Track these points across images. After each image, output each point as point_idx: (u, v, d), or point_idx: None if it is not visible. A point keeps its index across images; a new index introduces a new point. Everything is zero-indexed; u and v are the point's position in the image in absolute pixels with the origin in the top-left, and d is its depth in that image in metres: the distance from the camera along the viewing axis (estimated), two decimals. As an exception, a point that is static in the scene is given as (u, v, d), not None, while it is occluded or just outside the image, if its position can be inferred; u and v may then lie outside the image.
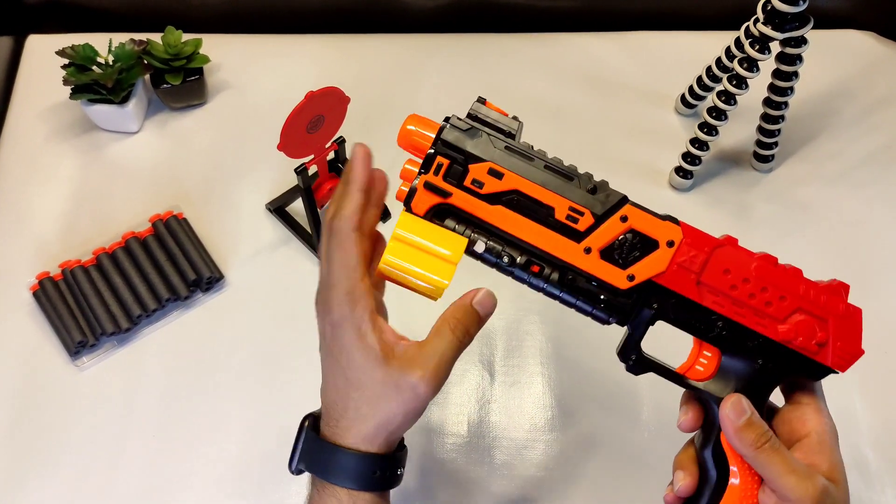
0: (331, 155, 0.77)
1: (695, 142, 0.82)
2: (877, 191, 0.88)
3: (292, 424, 0.71)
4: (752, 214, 0.85)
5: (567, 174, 0.50)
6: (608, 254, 0.48)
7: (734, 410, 0.46)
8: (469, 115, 0.51)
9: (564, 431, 0.71)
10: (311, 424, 0.50)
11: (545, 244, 0.48)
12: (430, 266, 0.47)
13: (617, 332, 0.52)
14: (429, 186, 0.48)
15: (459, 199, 0.48)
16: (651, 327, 0.49)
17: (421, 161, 0.49)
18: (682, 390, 0.50)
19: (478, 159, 0.49)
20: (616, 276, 0.48)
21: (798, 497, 0.44)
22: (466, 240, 0.48)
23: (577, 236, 0.48)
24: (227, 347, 0.75)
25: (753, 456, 0.45)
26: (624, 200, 0.50)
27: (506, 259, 0.49)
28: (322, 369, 0.50)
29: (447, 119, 0.50)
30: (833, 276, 0.82)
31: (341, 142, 0.76)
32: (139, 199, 0.83)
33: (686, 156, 0.84)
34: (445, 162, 0.49)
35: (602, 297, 0.48)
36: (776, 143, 0.86)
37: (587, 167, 0.91)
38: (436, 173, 0.49)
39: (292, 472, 0.50)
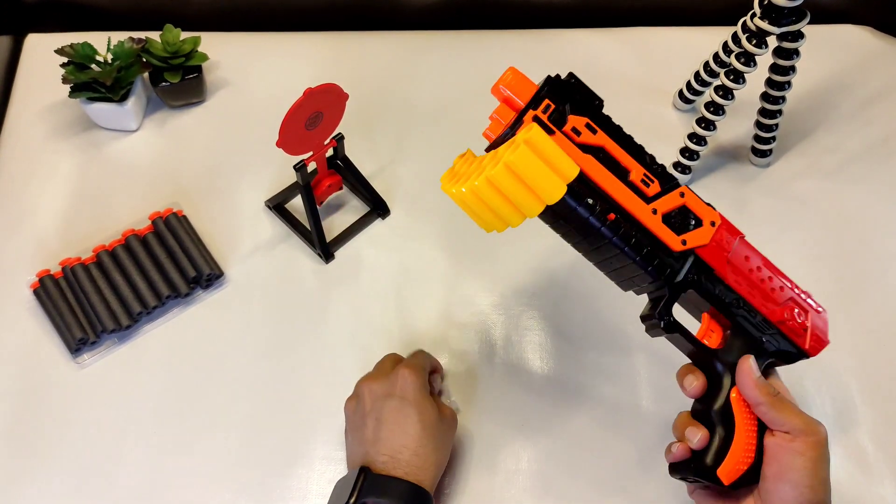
0: (329, 151, 0.77)
1: (692, 137, 0.83)
2: (874, 184, 0.88)
3: (294, 419, 0.72)
4: (750, 209, 0.86)
5: (639, 149, 0.55)
6: (667, 220, 0.54)
7: (755, 366, 0.55)
8: (570, 75, 0.55)
9: (564, 425, 0.72)
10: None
11: (623, 198, 0.53)
12: (542, 182, 0.49)
13: (618, 329, 0.52)
14: (536, 120, 0.52)
15: (558, 140, 0.52)
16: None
17: (514, 110, 0.54)
18: (673, 373, 0.58)
19: (578, 111, 0.53)
20: (672, 239, 0.54)
21: (812, 428, 0.53)
22: (578, 168, 0.50)
23: (646, 199, 0.54)
24: (228, 344, 0.75)
25: (770, 403, 0.54)
26: (678, 183, 0.56)
27: (590, 201, 0.52)
28: (381, 422, 0.62)
29: (550, 76, 0.54)
30: (831, 269, 0.83)
31: (340, 138, 0.77)
32: (139, 196, 0.84)
33: (684, 151, 0.84)
34: (551, 105, 0.53)
35: (657, 257, 0.54)
36: (774, 138, 0.86)
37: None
38: (543, 112, 0.52)
39: None
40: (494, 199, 0.50)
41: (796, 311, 0.58)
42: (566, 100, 0.53)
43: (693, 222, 0.55)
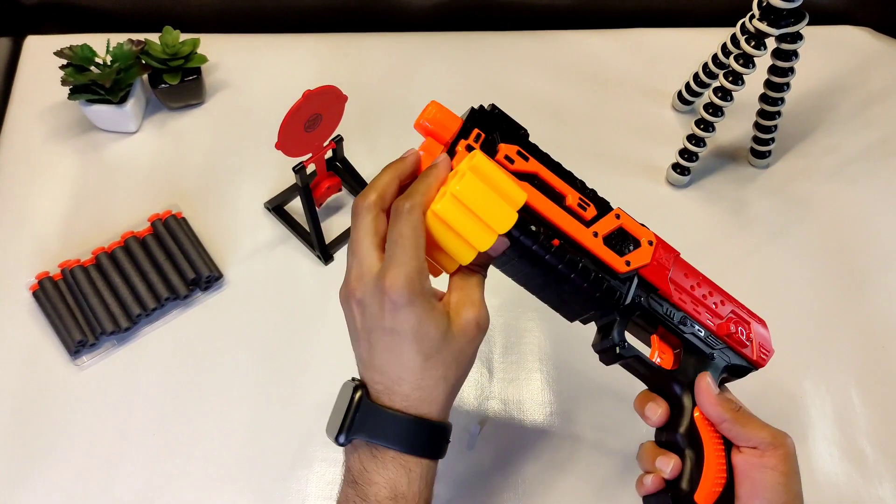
0: (328, 153, 0.77)
1: (692, 138, 0.83)
2: (873, 185, 0.88)
3: (293, 420, 0.71)
4: (749, 210, 0.86)
5: (569, 174, 0.54)
6: (608, 243, 0.53)
7: (713, 382, 0.53)
8: (492, 106, 0.54)
9: (563, 427, 0.72)
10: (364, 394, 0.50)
11: (564, 223, 0.51)
12: (492, 211, 0.47)
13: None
14: (469, 149, 0.50)
15: None
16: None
17: (441, 143, 0.52)
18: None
19: (508, 140, 0.52)
20: (616, 261, 0.52)
21: (780, 440, 0.52)
22: (525, 193, 0.49)
23: (585, 224, 0.52)
24: (227, 346, 0.75)
25: (734, 418, 0.51)
26: (610, 206, 0.54)
27: (534, 228, 0.50)
28: (373, 348, 0.50)
29: (473, 107, 0.53)
30: (830, 270, 0.83)
31: (339, 140, 0.77)
32: (138, 198, 0.84)
33: (683, 152, 0.84)
34: (482, 134, 0.51)
35: (605, 281, 0.52)
36: (773, 139, 0.86)
37: (585, 164, 0.91)
38: (475, 140, 0.51)
39: (341, 444, 0.50)
40: (444, 235, 0.48)
41: (739, 325, 0.57)
42: (493, 129, 0.52)
43: (632, 244, 0.54)
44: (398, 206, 0.49)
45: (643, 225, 0.55)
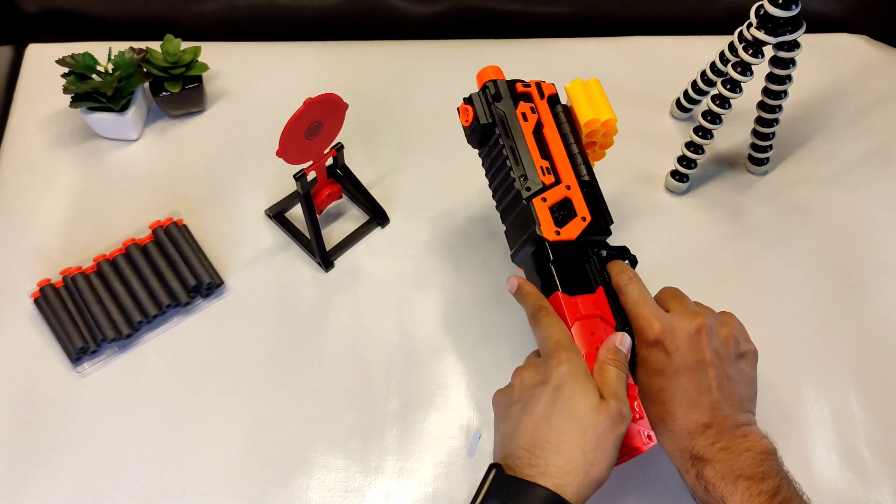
0: (329, 161, 0.78)
1: (690, 145, 0.83)
2: (871, 192, 0.88)
3: (294, 427, 0.72)
4: (748, 217, 0.86)
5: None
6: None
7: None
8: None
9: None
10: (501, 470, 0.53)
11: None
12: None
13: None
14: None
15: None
16: None
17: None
18: None
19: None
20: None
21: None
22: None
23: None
24: (228, 353, 0.76)
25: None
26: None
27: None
28: (525, 412, 0.55)
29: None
30: (828, 276, 0.83)
31: (339, 148, 0.77)
32: (139, 205, 0.84)
33: (681, 159, 0.85)
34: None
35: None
36: (771, 146, 0.87)
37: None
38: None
39: None
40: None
41: None
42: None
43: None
44: (544, 304, 0.62)
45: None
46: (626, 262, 0.64)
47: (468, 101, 0.68)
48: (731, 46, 0.79)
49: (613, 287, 0.62)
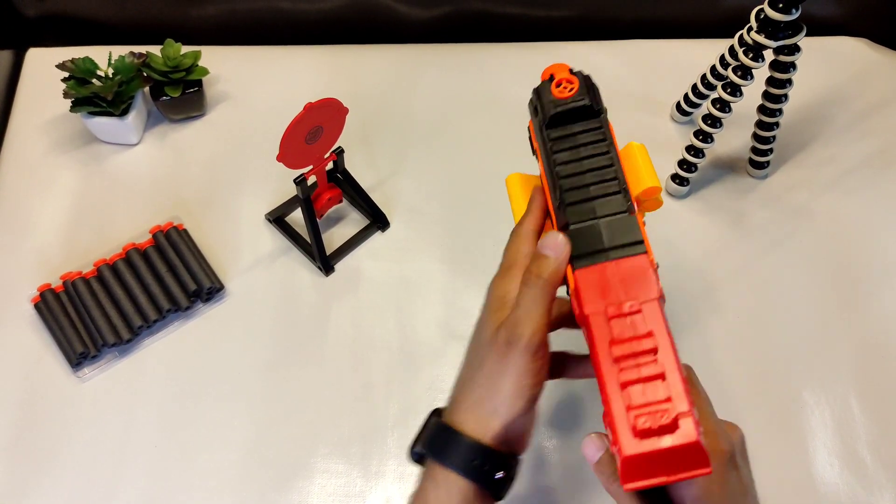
0: (329, 165, 0.78)
1: (690, 149, 0.83)
2: (871, 195, 0.88)
3: (294, 432, 0.72)
4: (748, 220, 0.86)
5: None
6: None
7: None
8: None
9: (565, 435, 0.72)
10: (436, 412, 0.51)
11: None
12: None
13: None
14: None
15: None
16: None
17: None
18: None
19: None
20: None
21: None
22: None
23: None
24: (228, 357, 0.76)
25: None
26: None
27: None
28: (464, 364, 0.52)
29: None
30: (829, 280, 0.83)
31: (340, 152, 0.77)
32: (139, 210, 0.84)
33: (682, 163, 0.85)
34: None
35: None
36: (771, 150, 0.87)
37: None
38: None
39: (413, 459, 0.51)
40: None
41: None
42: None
43: None
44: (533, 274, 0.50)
45: None
46: None
47: (575, 74, 0.60)
48: (732, 50, 0.79)
49: None
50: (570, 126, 0.57)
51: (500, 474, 0.48)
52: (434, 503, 0.48)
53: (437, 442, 0.49)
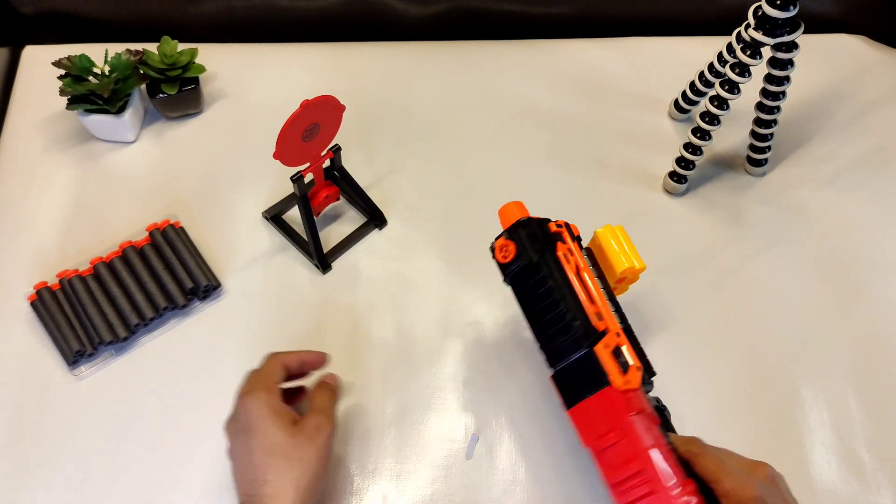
0: (326, 163, 0.78)
1: (688, 146, 0.83)
2: (869, 193, 0.88)
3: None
4: (746, 218, 0.86)
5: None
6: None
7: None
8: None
9: (561, 435, 0.72)
10: None
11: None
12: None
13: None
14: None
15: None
16: None
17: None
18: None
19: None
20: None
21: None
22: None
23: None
24: (225, 355, 0.75)
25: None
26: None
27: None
28: (234, 456, 0.60)
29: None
30: (827, 278, 0.83)
31: (337, 150, 0.77)
32: (136, 208, 0.84)
33: (680, 160, 0.85)
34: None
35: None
36: (769, 147, 0.87)
37: (582, 172, 0.92)
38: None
39: None
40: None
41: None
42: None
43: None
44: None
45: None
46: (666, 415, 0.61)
47: (510, 236, 0.63)
48: (730, 47, 0.79)
49: (683, 455, 0.56)
50: (523, 281, 0.62)
51: None
52: None
53: None
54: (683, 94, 0.90)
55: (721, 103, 0.79)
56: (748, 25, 0.74)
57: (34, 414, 0.71)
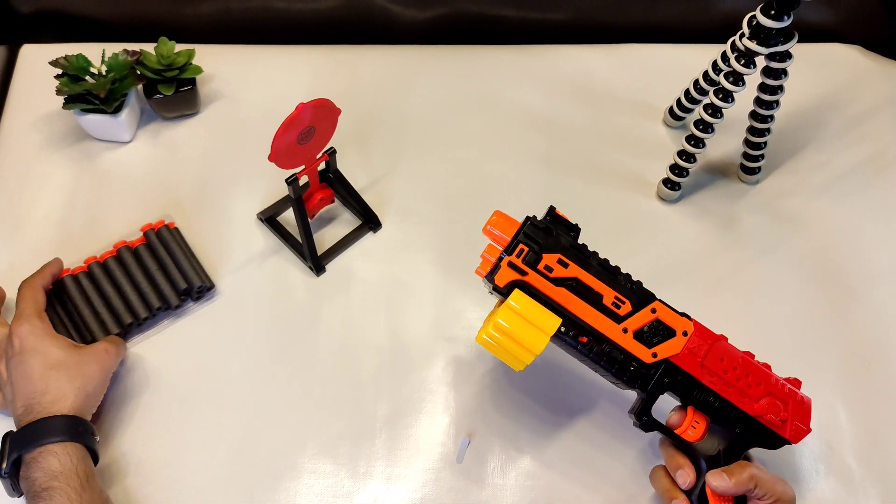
0: (321, 165, 0.78)
1: (682, 154, 0.83)
2: (862, 201, 0.89)
3: (283, 431, 0.72)
4: (739, 226, 0.86)
5: (613, 271, 0.63)
6: (639, 335, 0.62)
7: (720, 484, 0.61)
8: (546, 215, 0.64)
9: (552, 440, 0.72)
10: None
11: (594, 321, 0.61)
12: (527, 336, 0.59)
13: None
14: (511, 265, 0.61)
15: (533, 278, 0.61)
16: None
17: (501, 248, 0.62)
18: None
19: (550, 250, 0.62)
20: (643, 353, 0.62)
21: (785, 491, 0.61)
22: (560, 319, 0.60)
23: (618, 319, 0.62)
24: (218, 356, 0.76)
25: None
26: (653, 297, 0.63)
27: (562, 329, 0.61)
28: (13, 379, 0.65)
29: (528, 217, 0.63)
30: (819, 286, 0.84)
31: (332, 153, 0.77)
32: (131, 208, 0.84)
33: (674, 167, 0.85)
34: (525, 249, 0.61)
35: (632, 367, 0.62)
36: (763, 156, 0.87)
37: (577, 178, 0.92)
38: (517, 256, 0.61)
39: (2, 475, 0.61)
40: (501, 344, 0.60)
41: (774, 404, 0.63)
42: (545, 234, 0.62)
43: (662, 336, 0.62)
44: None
45: (685, 315, 0.63)
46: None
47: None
48: (724, 56, 0.79)
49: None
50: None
51: (97, 438, 0.65)
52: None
53: (39, 432, 0.62)
54: (678, 101, 0.90)
55: (715, 111, 0.79)
56: (742, 34, 0.74)
57: (26, 413, 0.71)
